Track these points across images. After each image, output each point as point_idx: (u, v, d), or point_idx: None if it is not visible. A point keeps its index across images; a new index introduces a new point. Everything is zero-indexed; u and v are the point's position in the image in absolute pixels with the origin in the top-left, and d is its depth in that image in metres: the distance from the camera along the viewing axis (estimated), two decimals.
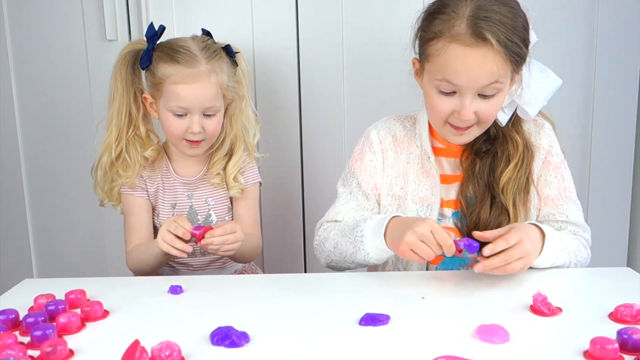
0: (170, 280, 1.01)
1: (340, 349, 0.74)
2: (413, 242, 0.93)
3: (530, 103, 1.08)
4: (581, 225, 1.12)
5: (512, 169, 1.08)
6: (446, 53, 0.98)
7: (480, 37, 0.95)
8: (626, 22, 1.53)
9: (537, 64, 1.09)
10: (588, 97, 1.58)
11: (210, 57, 1.19)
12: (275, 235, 1.64)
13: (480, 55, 0.96)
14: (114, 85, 1.23)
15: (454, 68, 0.98)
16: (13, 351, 0.70)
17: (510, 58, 0.97)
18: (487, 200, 1.09)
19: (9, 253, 1.72)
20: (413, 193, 1.14)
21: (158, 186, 1.26)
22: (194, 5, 1.56)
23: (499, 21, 0.96)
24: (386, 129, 1.18)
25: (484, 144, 1.11)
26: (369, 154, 1.18)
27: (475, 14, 0.96)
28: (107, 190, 1.26)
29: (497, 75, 0.97)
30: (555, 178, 1.11)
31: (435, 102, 1.04)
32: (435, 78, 1.01)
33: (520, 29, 0.99)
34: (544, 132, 1.13)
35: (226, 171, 1.28)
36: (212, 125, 1.21)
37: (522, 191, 1.09)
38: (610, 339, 0.69)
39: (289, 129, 1.61)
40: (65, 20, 1.57)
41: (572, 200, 1.12)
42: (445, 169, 1.15)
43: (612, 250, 1.61)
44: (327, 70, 1.57)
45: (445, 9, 0.99)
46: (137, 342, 0.70)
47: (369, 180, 1.17)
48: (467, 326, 0.78)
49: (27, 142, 1.66)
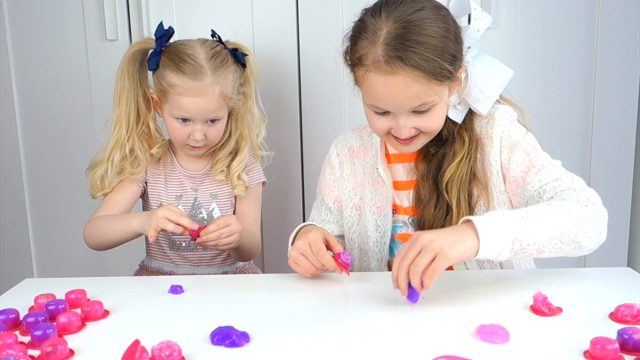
0: (170, 280, 1.01)
1: (341, 348, 0.74)
2: (294, 256, 0.97)
3: (479, 100, 1.05)
4: (561, 178, 1.00)
5: (455, 165, 1.05)
6: (368, 80, 0.97)
7: (395, 65, 0.92)
8: (626, 22, 1.53)
9: (483, 58, 1.06)
10: (588, 97, 1.57)
11: (217, 67, 1.19)
12: (275, 235, 1.64)
13: (397, 83, 0.94)
14: (121, 82, 1.23)
15: (377, 95, 0.97)
16: (13, 351, 0.70)
17: (432, 78, 0.94)
18: (433, 199, 1.07)
19: (9, 253, 1.72)
20: (370, 203, 1.14)
21: (160, 177, 1.29)
22: (194, 5, 1.56)
23: (416, 42, 0.92)
24: (343, 142, 1.20)
25: (434, 146, 1.09)
26: (328, 169, 1.21)
27: (391, 38, 0.93)
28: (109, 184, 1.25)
29: (421, 96, 0.95)
30: (517, 156, 1.04)
31: (373, 121, 1.03)
32: (367, 102, 1.01)
33: (445, 43, 0.94)
34: (495, 121, 1.06)
35: (230, 169, 1.30)
36: (214, 132, 1.24)
37: (467, 186, 1.05)
38: (611, 339, 0.69)
39: (290, 128, 1.61)
40: (66, 20, 1.57)
41: (542, 164, 1.03)
42: (402, 175, 1.14)
43: (613, 250, 1.61)
44: (327, 69, 1.57)
45: (363, 32, 0.97)
46: (137, 342, 0.69)
47: (330, 194, 1.20)
48: (467, 326, 0.78)
49: (28, 142, 1.66)
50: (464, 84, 1.03)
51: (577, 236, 0.90)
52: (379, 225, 1.13)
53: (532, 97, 1.55)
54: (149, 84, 1.25)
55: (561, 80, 1.56)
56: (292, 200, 1.65)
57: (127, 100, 1.22)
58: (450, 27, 0.97)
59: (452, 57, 0.96)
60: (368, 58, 0.95)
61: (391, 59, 0.93)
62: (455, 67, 0.98)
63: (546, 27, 1.54)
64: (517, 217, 0.88)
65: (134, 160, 1.25)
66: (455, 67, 0.98)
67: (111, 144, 1.25)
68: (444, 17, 0.97)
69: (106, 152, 1.25)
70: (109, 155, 1.24)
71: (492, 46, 1.30)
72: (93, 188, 1.27)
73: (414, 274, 0.82)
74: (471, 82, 1.04)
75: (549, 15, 1.53)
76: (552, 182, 1.00)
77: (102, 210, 1.25)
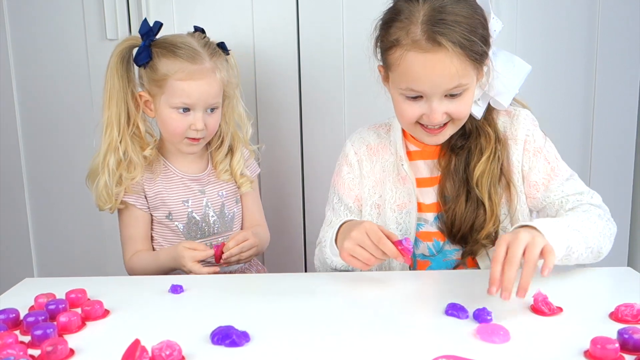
0: (170, 279, 1.01)
1: (341, 348, 0.74)
2: (350, 248, 0.93)
3: (502, 93, 1.07)
4: (583, 192, 1.07)
5: (484, 161, 1.06)
6: (405, 61, 0.97)
7: (436, 42, 0.94)
8: (627, 23, 1.53)
9: (503, 54, 1.09)
10: (588, 97, 1.57)
11: (213, 54, 1.21)
12: (275, 235, 1.63)
13: (439, 60, 0.95)
14: (111, 82, 1.20)
15: (415, 75, 0.98)
16: (13, 350, 0.70)
17: (469, 57, 0.96)
18: (463, 195, 1.07)
19: (9, 252, 1.72)
20: (391, 201, 1.13)
21: (160, 187, 1.26)
22: (194, 5, 1.56)
23: (454, 22, 0.95)
24: (360, 140, 1.19)
25: (459, 140, 1.10)
26: (345, 167, 1.19)
27: (428, 18, 0.95)
28: (115, 194, 1.22)
29: (458, 76, 0.97)
30: (539, 163, 1.08)
31: (403, 107, 1.03)
32: (399, 87, 1.01)
33: (478, 25, 0.98)
34: (519, 122, 1.10)
35: (232, 167, 1.30)
36: (213, 121, 1.23)
37: (497, 183, 1.07)
38: (611, 339, 0.69)
39: (290, 128, 1.61)
40: (66, 20, 1.57)
41: (564, 176, 1.08)
42: (423, 172, 1.14)
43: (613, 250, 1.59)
44: (327, 69, 1.57)
45: (399, 15, 0.98)
46: (137, 342, 0.70)
47: (349, 193, 1.17)
48: (467, 326, 0.78)
49: (28, 141, 1.66)
50: (485, 78, 1.05)
51: (601, 248, 0.99)
52: (400, 223, 1.13)
53: (532, 97, 1.53)
54: (135, 83, 1.23)
55: (561, 80, 1.56)
56: (292, 200, 1.65)
57: (117, 101, 1.20)
58: (480, 12, 1.00)
59: (484, 40, 0.99)
60: (408, 37, 0.96)
61: (433, 34, 0.94)
62: (486, 52, 1.00)
63: (546, 27, 1.54)
64: (563, 225, 0.93)
65: (129, 164, 1.22)
66: (487, 51, 1.00)
67: (104, 148, 1.21)
68: (474, 5, 1.00)
69: (100, 157, 1.22)
70: (103, 160, 1.21)
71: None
72: (100, 200, 1.22)
73: (530, 266, 0.81)
74: (493, 75, 1.06)
75: (549, 15, 1.53)
76: (575, 195, 1.06)
77: (129, 249, 1.26)
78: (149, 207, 1.26)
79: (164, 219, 1.26)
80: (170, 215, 1.26)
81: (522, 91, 1.52)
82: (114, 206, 1.23)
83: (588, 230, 0.96)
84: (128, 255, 1.25)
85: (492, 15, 1.03)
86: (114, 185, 1.21)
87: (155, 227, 1.28)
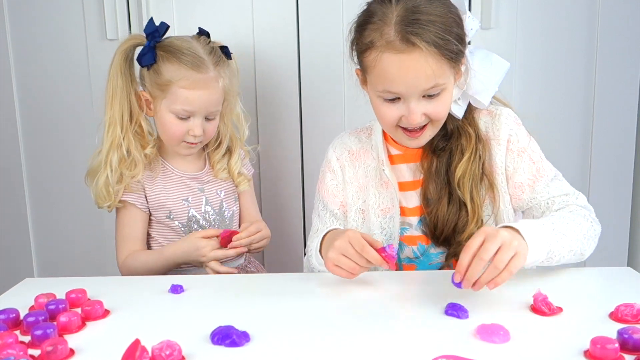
0: (170, 279, 1.01)
1: (341, 348, 0.74)
2: (335, 257, 0.92)
3: (480, 92, 1.06)
4: (569, 194, 1.06)
5: (465, 161, 1.05)
6: (380, 63, 0.97)
7: (410, 42, 0.93)
8: (627, 23, 1.53)
9: (480, 52, 1.08)
10: (588, 97, 1.57)
11: (217, 62, 1.21)
12: (275, 236, 1.63)
13: (414, 60, 0.94)
14: (114, 80, 1.20)
15: (391, 77, 0.97)
16: (14, 350, 0.70)
17: (445, 56, 0.95)
18: (445, 197, 1.07)
19: (9, 252, 1.72)
20: (374, 206, 1.13)
21: (160, 186, 1.26)
22: (194, 5, 1.56)
23: (428, 21, 0.94)
24: (342, 145, 1.19)
25: (441, 141, 1.09)
26: (328, 174, 1.18)
27: (402, 19, 0.94)
28: (115, 192, 1.22)
29: (434, 76, 0.96)
30: (524, 163, 1.07)
31: (382, 110, 1.03)
32: (377, 89, 1.01)
33: (452, 24, 0.97)
34: (500, 122, 1.08)
35: (230, 167, 1.31)
36: (212, 127, 1.24)
37: (479, 184, 1.06)
38: (611, 339, 0.69)
39: (290, 128, 1.61)
40: (66, 20, 1.57)
41: (549, 176, 1.07)
42: (406, 176, 1.13)
43: (613, 250, 1.61)
44: (327, 69, 1.57)
45: (373, 17, 0.98)
46: (137, 342, 0.70)
47: (334, 200, 1.17)
48: (467, 326, 0.78)
49: (28, 142, 1.66)
50: (464, 77, 1.05)
51: (584, 249, 0.98)
52: (385, 227, 1.12)
53: (532, 97, 1.55)
54: (137, 82, 1.24)
55: (561, 81, 1.56)
56: (291, 201, 1.65)
57: (120, 99, 1.20)
58: (454, 12, 0.99)
59: (459, 39, 0.98)
60: (382, 39, 0.96)
61: (407, 35, 0.93)
62: (462, 50, 0.99)
63: (546, 27, 1.54)
64: (548, 229, 0.92)
65: (131, 162, 1.22)
66: (462, 50, 0.99)
67: (107, 146, 1.21)
68: (448, 4, 0.99)
69: (102, 155, 1.22)
70: (105, 158, 1.21)
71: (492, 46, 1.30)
72: (99, 197, 1.22)
73: (495, 268, 0.81)
74: (471, 73, 1.05)
75: (549, 15, 1.53)
76: (561, 196, 1.06)
77: (123, 250, 1.25)
78: (149, 207, 1.26)
79: (164, 219, 1.26)
80: (170, 214, 1.26)
81: (522, 91, 1.53)
82: (113, 204, 1.23)
83: (573, 233, 0.96)
84: (123, 255, 1.25)
85: (468, 14, 1.02)
86: (115, 183, 1.21)
87: (155, 227, 1.28)
